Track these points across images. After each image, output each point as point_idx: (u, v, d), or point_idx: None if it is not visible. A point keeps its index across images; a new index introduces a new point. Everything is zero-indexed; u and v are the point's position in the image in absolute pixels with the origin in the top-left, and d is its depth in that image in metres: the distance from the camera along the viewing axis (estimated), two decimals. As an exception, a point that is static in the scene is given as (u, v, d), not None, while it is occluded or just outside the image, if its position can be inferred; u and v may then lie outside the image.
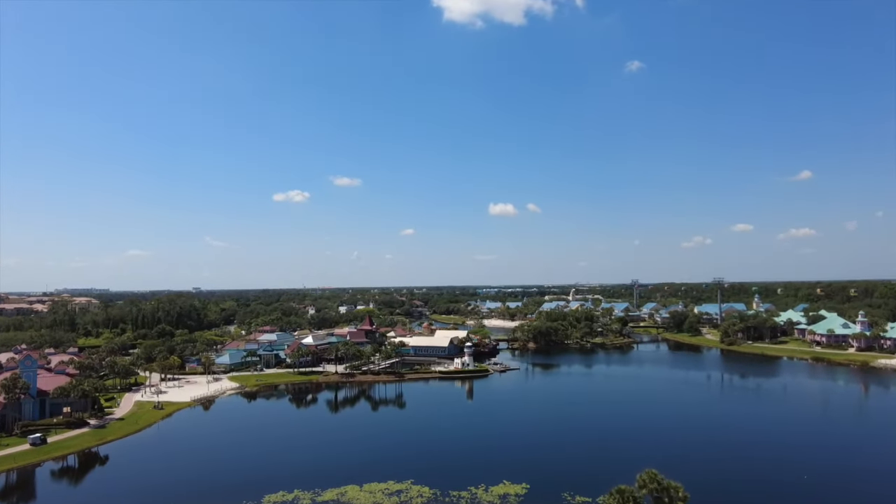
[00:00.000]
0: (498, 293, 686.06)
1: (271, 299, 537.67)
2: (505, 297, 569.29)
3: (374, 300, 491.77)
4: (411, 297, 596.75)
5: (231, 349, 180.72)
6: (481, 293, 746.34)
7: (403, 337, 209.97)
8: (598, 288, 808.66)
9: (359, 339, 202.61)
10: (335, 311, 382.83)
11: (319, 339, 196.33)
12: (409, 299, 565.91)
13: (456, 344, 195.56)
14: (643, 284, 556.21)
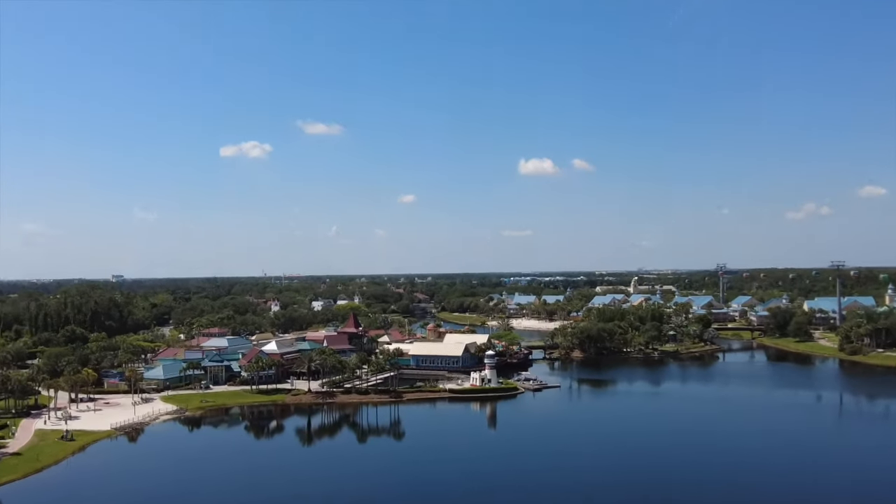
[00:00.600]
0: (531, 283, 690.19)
1: (220, 291, 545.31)
2: (541, 288, 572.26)
3: (360, 293, 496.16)
4: (412, 288, 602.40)
5: (166, 359, 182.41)
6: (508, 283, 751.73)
7: (401, 343, 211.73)
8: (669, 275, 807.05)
9: (340, 345, 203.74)
10: (307, 307, 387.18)
11: (286, 345, 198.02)
12: (408, 291, 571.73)
13: (473, 353, 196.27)
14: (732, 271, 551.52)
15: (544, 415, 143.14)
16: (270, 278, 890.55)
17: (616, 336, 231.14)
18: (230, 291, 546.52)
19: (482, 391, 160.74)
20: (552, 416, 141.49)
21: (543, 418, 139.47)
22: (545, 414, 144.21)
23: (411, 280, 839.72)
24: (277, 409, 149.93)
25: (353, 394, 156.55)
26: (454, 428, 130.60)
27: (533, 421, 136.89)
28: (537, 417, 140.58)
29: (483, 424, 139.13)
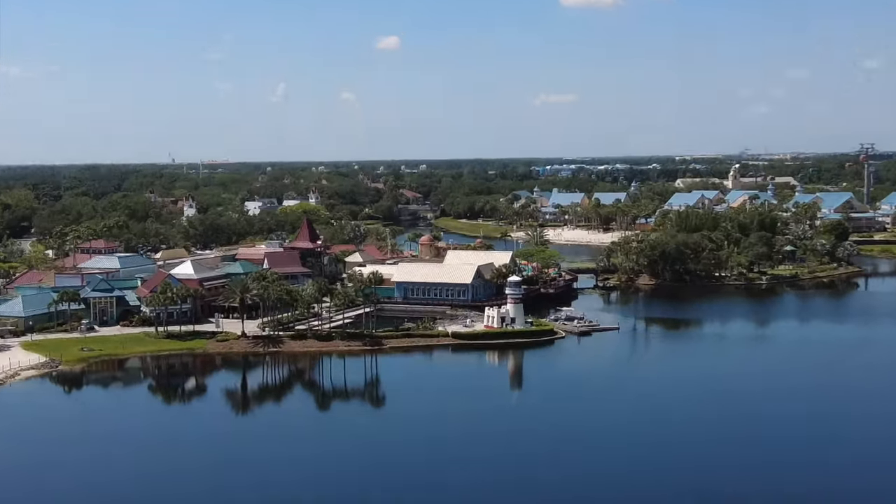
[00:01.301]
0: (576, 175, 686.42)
1: (106, 187, 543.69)
2: (591, 182, 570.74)
3: (319, 189, 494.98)
4: (396, 182, 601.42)
5: (26, 288, 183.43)
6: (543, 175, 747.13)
7: (380, 264, 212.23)
8: (788, 161, 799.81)
9: (289, 267, 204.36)
10: (238, 210, 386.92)
11: (208, 268, 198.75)
12: (391, 188, 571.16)
13: (489, 279, 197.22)
14: (882, 155, 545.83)
15: (595, 372, 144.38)
16: (182, 167, 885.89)
17: (705, 254, 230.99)
18: (121, 187, 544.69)
19: (502, 336, 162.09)
20: (607, 375, 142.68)
21: (594, 377, 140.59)
22: (596, 371, 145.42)
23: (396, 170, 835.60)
24: (196, 362, 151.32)
25: (310, 339, 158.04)
26: (459, 391, 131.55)
27: (579, 383, 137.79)
28: (584, 376, 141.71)
29: (502, 386, 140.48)
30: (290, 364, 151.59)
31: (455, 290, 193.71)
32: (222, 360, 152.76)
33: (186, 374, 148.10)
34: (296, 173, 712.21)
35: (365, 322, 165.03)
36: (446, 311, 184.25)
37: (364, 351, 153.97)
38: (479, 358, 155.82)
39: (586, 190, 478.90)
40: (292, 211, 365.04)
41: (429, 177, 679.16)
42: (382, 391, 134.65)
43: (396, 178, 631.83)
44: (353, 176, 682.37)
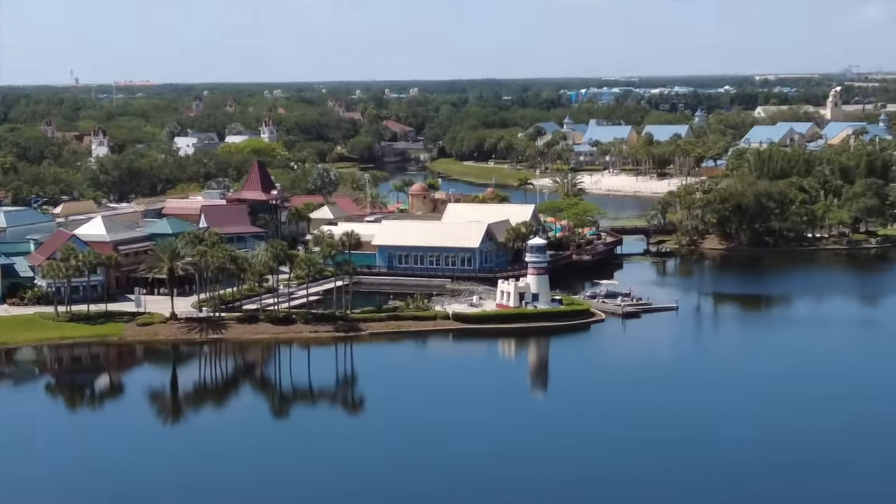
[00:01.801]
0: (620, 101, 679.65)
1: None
2: (642, 110, 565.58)
3: (273, 121, 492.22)
4: (378, 111, 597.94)
5: None
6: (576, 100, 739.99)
7: (357, 222, 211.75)
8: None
9: (234, 225, 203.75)
10: (166, 149, 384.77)
11: (125, 226, 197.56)
12: (371, 118, 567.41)
13: (503, 241, 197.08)
14: None
15: (646, 368, 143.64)
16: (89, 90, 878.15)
17: (794, 208, 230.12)
18: (7, 117, 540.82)
19: (520, 318, 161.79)
20: (662, 372, 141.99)
21: (645, 375, 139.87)
22: (648, 366, 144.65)
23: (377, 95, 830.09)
24: (110, 354, 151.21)
25: (262, 323, 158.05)
26: (462, 394, 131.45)
27: (623, 379, 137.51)
28: (632, 373, 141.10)
29: (520, 386, 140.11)
30: (236, 356, 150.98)
31: (457, 257, 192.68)
32: (145, 351, 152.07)
33: (97, 370, 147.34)
34: (243, 99, 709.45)
35: (337, 300, 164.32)
36: (446, 286, 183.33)
37: (335, 339, 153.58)
38: (490, 348, 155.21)
39: (634, 121, 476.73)
40: (238, 150, 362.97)
41: (422, 104, 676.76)
42: (359, 393, 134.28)
43: (378, 106, 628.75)
44: (321, 103, 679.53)
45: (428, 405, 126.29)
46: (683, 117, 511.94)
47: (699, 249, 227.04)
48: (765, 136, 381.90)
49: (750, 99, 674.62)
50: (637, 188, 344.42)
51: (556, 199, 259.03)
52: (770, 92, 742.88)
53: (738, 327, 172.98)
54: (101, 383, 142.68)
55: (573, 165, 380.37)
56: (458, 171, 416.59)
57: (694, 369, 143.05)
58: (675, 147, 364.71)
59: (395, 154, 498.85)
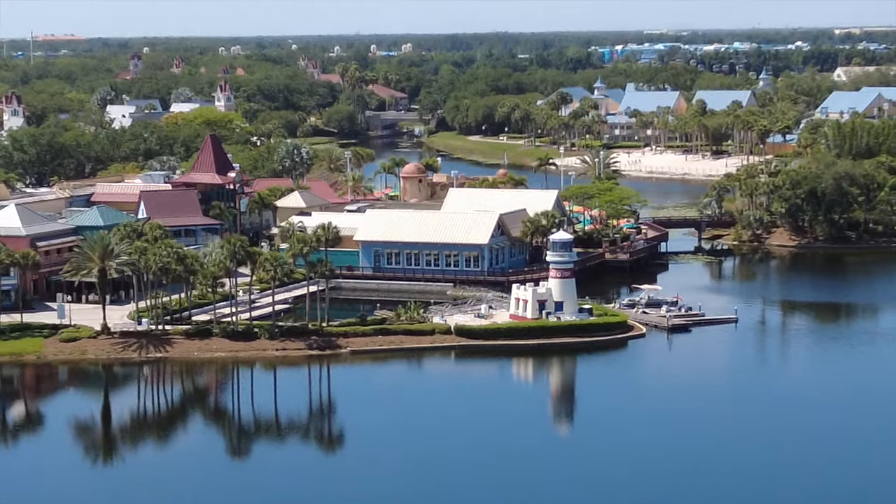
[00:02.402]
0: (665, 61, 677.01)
1: None
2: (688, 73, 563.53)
3: (230, 85, 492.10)
4: (363, 73, 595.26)
5: None
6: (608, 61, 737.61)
7: (336, 212, 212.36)
8: None
9: (180, 214, 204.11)
10: (97, 120, 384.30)
11: (45, 216, 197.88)
12: (354, 81, 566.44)
13: (518, 236, 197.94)
14: None
15: (698, 393, 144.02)
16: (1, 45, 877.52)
17: (882, 194, 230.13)
18: None
19: (540, 332, 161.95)
20: (720, 398, 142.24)
21: (698, 402, 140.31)
22: (701, 391, 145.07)
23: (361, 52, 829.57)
24: (27, 376, 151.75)
25: (217, 338, 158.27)
26: (467, 426, 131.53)
27: (669, 408, 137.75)
28: (680, 400, 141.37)
29: (540, 417, 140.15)
30: (183, 379, 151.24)
31: (461, 256, 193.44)
32: (70, 373, 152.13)
33: (9, 396, 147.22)
34: (192, 58, 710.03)
35: (310, 309, 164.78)
36: (446, 292, 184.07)
37: (308, 358, 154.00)
38: (502, 370, 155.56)
39: (683, 86, 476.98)
40: (187, 121, 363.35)
41: (417, 64, 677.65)
42: (337, 425, 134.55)
43: (363, 67, 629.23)
44: (290, 62, 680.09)
45: (423, 440, 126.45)
46: (744, 81, 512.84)
47: (764, 246, 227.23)
48: (846, 104, 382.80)
49: (828, 58, 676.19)
50: (686, 170, 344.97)
51: (584, 184, 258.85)
52: (853, 49, 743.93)
53: (812, 343, 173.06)
54: (15, 413, 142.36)
55: (606, 141, 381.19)
56: (462, 149, 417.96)
57: (756, 395, 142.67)
58: (734, 118, 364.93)
59: (383, 127, 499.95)
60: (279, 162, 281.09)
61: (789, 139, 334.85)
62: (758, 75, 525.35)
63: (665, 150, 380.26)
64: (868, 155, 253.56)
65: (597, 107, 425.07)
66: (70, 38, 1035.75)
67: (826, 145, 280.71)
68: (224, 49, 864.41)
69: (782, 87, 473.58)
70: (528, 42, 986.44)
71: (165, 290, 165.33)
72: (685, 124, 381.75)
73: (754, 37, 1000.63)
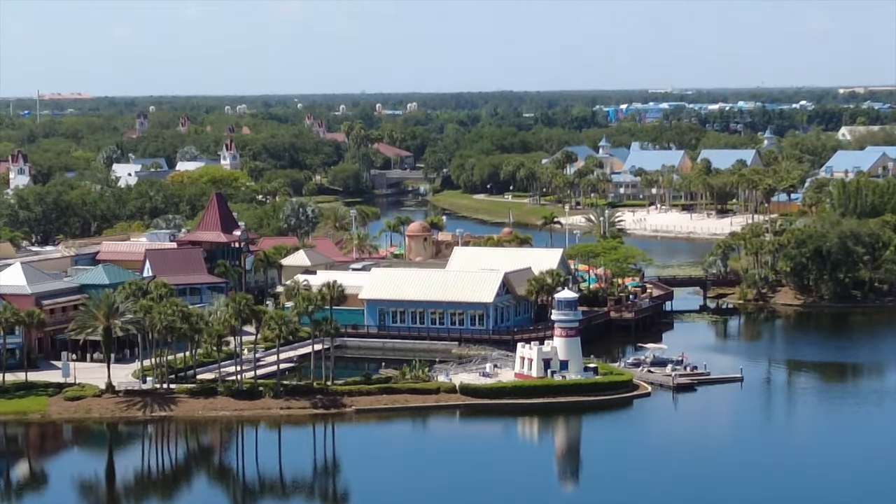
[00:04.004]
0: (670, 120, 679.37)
1: None
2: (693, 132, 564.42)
3: (236, 144, 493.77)
4: (368, 131, 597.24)
5: None
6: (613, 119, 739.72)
7: (341, 270, 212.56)
8: None
9: (186, 273, 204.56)
10: (103, 178, 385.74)
11: (50, 275, 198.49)
12: (359, 140, 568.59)
13: (523, 294, 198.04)
14: None
15: (705, 454, 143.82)
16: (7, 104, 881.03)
17: (888, 253, 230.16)
18: None
19: (546, 391, 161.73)
20: (725, 459, 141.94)
21: (703, 463, 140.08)
22: (707, 452, 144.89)
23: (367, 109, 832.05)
24: (31, 435, 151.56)
25: (222, 397, 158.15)
26: (472, 487, 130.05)
27: (675, 468, 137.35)
28: (686, 460, 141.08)
29: (546, 477, 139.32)
30: (188, 438, 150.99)
31: (466, 315, 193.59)
32: (74, 432, 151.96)
33: (14, 456, 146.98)
34: (198, 116, 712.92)
35: (315, 368, 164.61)
36: (451, 350, 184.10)
37: (313, 417, 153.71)
38: (507, 429, 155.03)
39: (687, 145, 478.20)
40: (192, 180, 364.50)
41: (422, 122, 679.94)
42: (342, 485, 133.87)
43: (368, 125, 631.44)
44: (296, 120, 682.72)
45: (428, 500, 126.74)
46: (749, 140, 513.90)
47: (769, 305, 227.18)
48: (851, 163, 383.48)
49: (832, 117, 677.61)
50: (691, 228, 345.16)
51: (590, 242, 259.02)
52: (857, 108, 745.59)
53: (818, 404, 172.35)
54: (20, 472, 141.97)
55: (611, 199, 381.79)
56: (467, 207, 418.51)
57: (762, 456, 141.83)
58: (739, 177, 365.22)
59: (388, 185, 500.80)
60: (284, 220, 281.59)
61: (794, 198, 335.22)
62: (762, 134, 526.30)
63: (670, 209, 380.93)
64: (873, 214, 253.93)
65: (602, 165, 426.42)
66: (77, 96, 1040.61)
67: (831, 204, 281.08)
68: (230, 108, 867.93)
69: (787, 146, 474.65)
70: (533, 101, 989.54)
71: (170, 349, 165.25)
72: (690, 183, 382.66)
73: (759, 96, 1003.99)
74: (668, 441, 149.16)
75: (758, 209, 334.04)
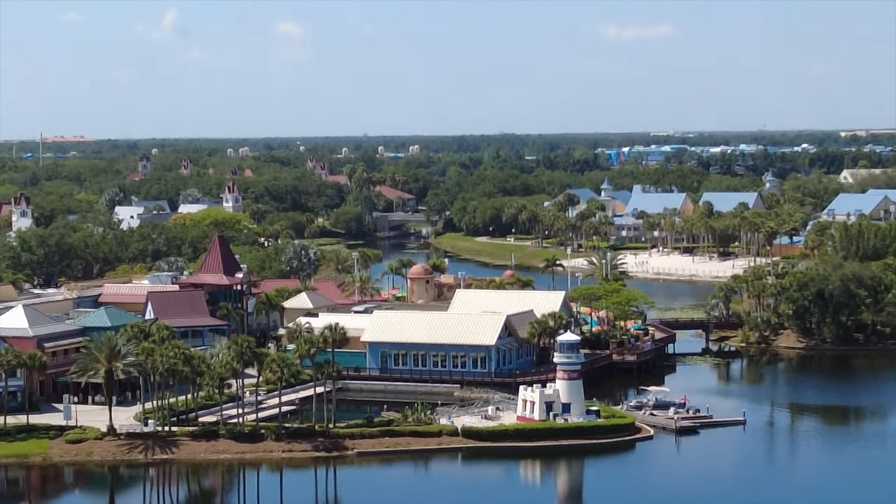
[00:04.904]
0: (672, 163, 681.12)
1: None
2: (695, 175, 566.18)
3: (238, 186, 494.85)
4: (369, 174, 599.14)
5: None
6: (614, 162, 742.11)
7: (343, 313, 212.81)
8: None
9: (187, 315, 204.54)
10: (105, 221, 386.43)
11: (52, 317, 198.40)
12: (361, 182, 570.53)
13: (525, 337, 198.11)
14: None
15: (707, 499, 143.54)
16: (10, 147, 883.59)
17: (890, 296, 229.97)
18: None
19: (548, 434, 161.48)
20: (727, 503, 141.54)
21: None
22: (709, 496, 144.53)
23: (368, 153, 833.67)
24: (33, 478, 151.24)
25: (224, 440, 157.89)
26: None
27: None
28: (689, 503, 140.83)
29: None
30: (189, 481, 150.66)
31: (468, 357, 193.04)
32: (76, 475, 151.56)
33: (15, 499, 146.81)
34: (200, 159, 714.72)
35: (317, 410, 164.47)
36: (454, 393, 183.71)
37: (315, 460, 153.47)
38: (509, 472, 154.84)
39: (689, 187, 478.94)
40: (194, 222, 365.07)
41: (424, 165, 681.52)
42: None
43: (370, 168, 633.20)
44: (298, 163, 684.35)
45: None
46: (751, 183, 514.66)
47: (772, 348, 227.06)
48: (853, 206, 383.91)
49: (834, 160, 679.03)
50: (693, 271, 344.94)
51: (592, 285, 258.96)
52: (859, 151, 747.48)
53: (821, 447, 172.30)
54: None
55: (613, 242, 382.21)
56: (470, 249, 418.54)
57: (766, 500, 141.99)
58: (741, 220, 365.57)
59: (390, 228, 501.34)
60: (287, 263, 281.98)
61: (796, 241, 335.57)
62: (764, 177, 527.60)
63: (672, 252, 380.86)
64: (875, 257, 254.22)
65: (604, 208, 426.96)
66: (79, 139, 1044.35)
67: (833, 247, 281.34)
68: (232, 150, 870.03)
69: (789, 189, 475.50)
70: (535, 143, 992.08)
71: (172, 392, 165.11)
72: (692, 226, 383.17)
73: (760, 139, 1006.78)
74: (670, 484, 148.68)
75: (760, 252, 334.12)
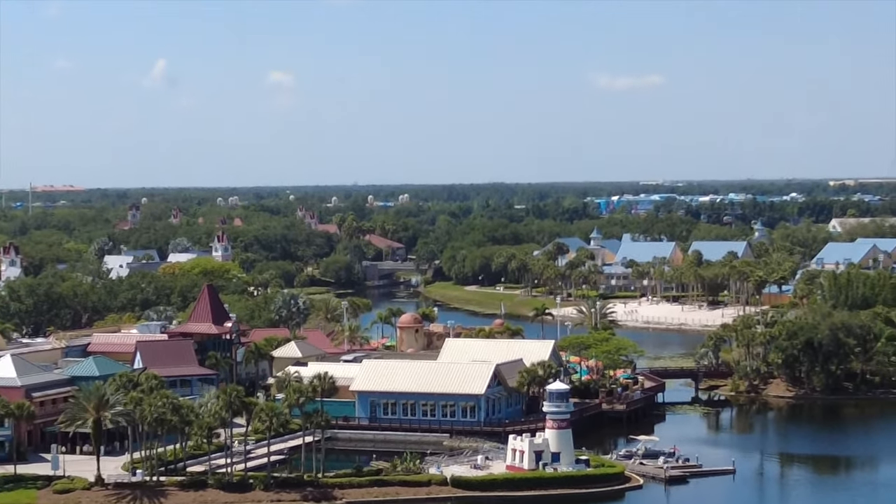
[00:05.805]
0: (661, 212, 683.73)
1: None
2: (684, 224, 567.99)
3: (227, 235, 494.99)
4: (359, 223, 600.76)
5: None
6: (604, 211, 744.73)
7: (332, 362, 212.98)
8: None
9: (176, 365, 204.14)
10: (94, 270, 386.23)
11: (40, 366, 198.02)
12: (351, 231, 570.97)
13: (515, 386, 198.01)
14: None
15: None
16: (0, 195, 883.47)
17: (879, 345, 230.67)
18: None
19: (537, 483, 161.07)
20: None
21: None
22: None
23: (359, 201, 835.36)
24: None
25: (212, 489, 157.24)
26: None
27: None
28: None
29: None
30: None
31: (458, 407, 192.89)
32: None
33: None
34: (189, 208, 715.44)
35: (306, 460, 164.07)
36: (443, 443, 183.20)
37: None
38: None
39: (679, 236, 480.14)
40: (184, 271, 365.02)
41: (414, 214, 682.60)
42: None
43: (360, 217, 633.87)
44: (288, 212, 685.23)
45: None
46: (740, 231, 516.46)
47: (761, 397, 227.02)
48: (842, 255, 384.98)
49: (822, 209, 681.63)
50: (683, 320, 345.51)
51: (581, 334, 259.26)
52: (848, 200, 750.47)
53: (811, 496, 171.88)
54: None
55: (603, 291, 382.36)
56: (459, 298, 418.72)
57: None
58: (731, 269, 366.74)
59: (379, 276, 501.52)
60: (276, 312, 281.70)
61: (785, 290, 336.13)
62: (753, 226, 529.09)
63: (661, 301, 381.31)
64: (864, 306, 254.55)
65: (593, 257, 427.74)
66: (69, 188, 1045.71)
67: (822, 296, 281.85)
68: (222, 199, 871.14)
69: (778, 237, 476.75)
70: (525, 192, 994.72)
71: (160, 441, 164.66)
72: (681, 275, 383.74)
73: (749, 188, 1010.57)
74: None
75: (749, 301, 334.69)
